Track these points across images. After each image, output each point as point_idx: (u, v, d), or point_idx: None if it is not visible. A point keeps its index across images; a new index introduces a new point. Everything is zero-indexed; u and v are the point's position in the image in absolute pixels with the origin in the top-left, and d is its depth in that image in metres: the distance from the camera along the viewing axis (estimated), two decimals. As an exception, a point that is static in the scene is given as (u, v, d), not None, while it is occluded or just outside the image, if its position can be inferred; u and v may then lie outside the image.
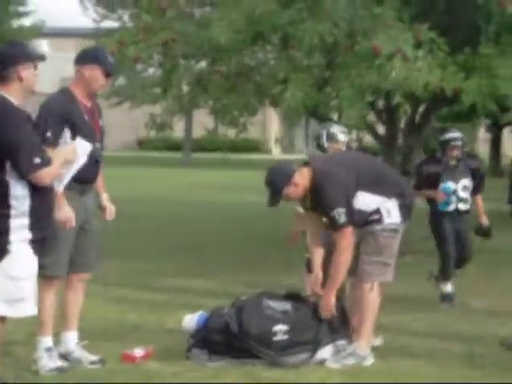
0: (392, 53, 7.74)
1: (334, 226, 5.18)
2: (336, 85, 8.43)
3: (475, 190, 7.38)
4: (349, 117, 7.83)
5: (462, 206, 7.38)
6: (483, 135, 39.05)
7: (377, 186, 5.33)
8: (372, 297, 5.40)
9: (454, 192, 7.32)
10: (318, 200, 5.25)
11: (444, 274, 7.51)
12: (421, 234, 9.95)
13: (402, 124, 11.73)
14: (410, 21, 8.30)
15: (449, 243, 7.32)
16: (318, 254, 5.49)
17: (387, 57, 7.73)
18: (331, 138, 6.59)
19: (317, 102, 8.64)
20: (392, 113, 10.86)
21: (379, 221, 5.37)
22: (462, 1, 8.69)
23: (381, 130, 11.71)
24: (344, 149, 6.67)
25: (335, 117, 11.33)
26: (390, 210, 5.30)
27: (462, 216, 7.40)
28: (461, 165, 7.39)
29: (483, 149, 35.72)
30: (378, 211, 5.33)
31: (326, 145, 6.63)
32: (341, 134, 6.69)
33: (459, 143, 7.30)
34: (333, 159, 5.74)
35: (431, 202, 7.47)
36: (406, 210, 5.45)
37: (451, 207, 7.37)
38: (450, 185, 7.28)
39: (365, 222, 5.35)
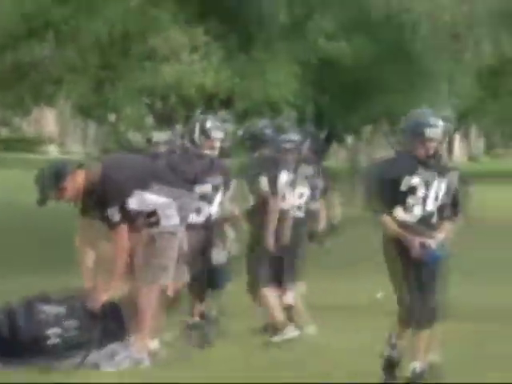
0: (167, 55, 7.77)
1: (108, 224, 5.14)
2: (112, 86, 8.33)
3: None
4: (127, 117, 7.77)
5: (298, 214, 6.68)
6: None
7: (155, 187, 5.33)
8: (149, 300, 5.37)
9: None
10: (93, 200, 5.17)
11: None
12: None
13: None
14: (185, 24, 8.36)
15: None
16: (88, 257, 5.43)
17: (162, 59, 7.75)
18: (204, 133, 5.98)
19: (93, 102, 8.48)
20: (169, 115, 10.91)
21: (157, 223, 5.37)
22: (235, 7, 8.90)
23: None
24: (218, 145, 6.08)
25: (113, 118, 11.18)
26: (168, 213, 5.32)
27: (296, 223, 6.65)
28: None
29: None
30: (155, 213, 5.33)
31: (198, 141, 6.00)
32: (215, 131, 6.03)
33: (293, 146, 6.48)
34: (112, 159, 5.67)
35: None
36: (184, 212, 5.50)
37: None
38: None
39: (142, 223, 5.34)
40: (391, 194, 4.57)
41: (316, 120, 8.41)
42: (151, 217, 5.31)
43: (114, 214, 5.08)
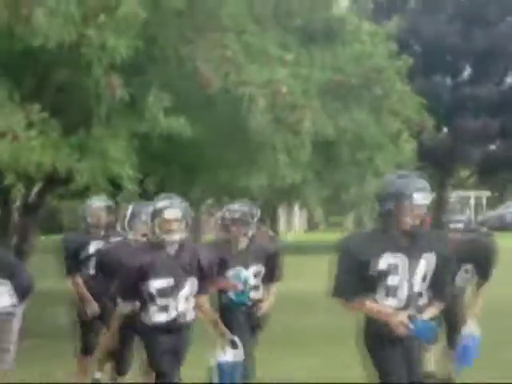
0: (3, 132, 7.52)
1: None
2: None
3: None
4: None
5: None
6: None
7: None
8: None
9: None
10: None
11: None
12: (40, 317, 9.68)
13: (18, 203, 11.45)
14: (21, 101, 8.16)
15: None
16: None
17: (-1, 136, 7.51)
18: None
19: None
20: (5, 193, 10.52)
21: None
22: (72, 83, 8.79)
23: None
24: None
25: None
26: (2, 293, 5.09)
27: None
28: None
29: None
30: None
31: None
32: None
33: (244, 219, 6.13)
34: None
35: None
36: (24, 291, 5.28)
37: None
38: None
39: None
40: (365, 277, 3.85)
41: (157, 193, 8.37)
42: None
43: None
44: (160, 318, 5.05)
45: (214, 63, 8.97)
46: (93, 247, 7.13)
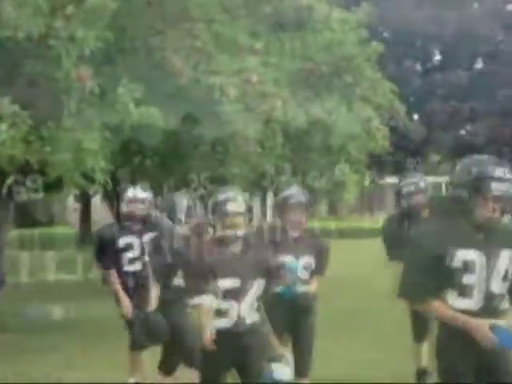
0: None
1: None
2: None
3: None
4: None
5: None
6: (73, 205, 39.55)
7: None
8: None
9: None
10: None
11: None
12: (14, 311, 9.65)
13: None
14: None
15: None
16: None
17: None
18: None
19: None
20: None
21: None
22: (42, 75, 8.74)
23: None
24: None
25: None
26: None
27: None
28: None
29: (73, 218, 36.12)
30: None
31: None
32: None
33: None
34: None
35: None
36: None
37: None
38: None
39: None
40: (438, 273, 3.33)
41: (131, 183, 8.38)
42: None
43: None
44: (220, 323, 4.41)
45: (184, 53, 8.97)
46: (126, 241, 6.87)
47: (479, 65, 35.96)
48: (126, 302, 6.71)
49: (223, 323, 4.37)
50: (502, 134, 32.59)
